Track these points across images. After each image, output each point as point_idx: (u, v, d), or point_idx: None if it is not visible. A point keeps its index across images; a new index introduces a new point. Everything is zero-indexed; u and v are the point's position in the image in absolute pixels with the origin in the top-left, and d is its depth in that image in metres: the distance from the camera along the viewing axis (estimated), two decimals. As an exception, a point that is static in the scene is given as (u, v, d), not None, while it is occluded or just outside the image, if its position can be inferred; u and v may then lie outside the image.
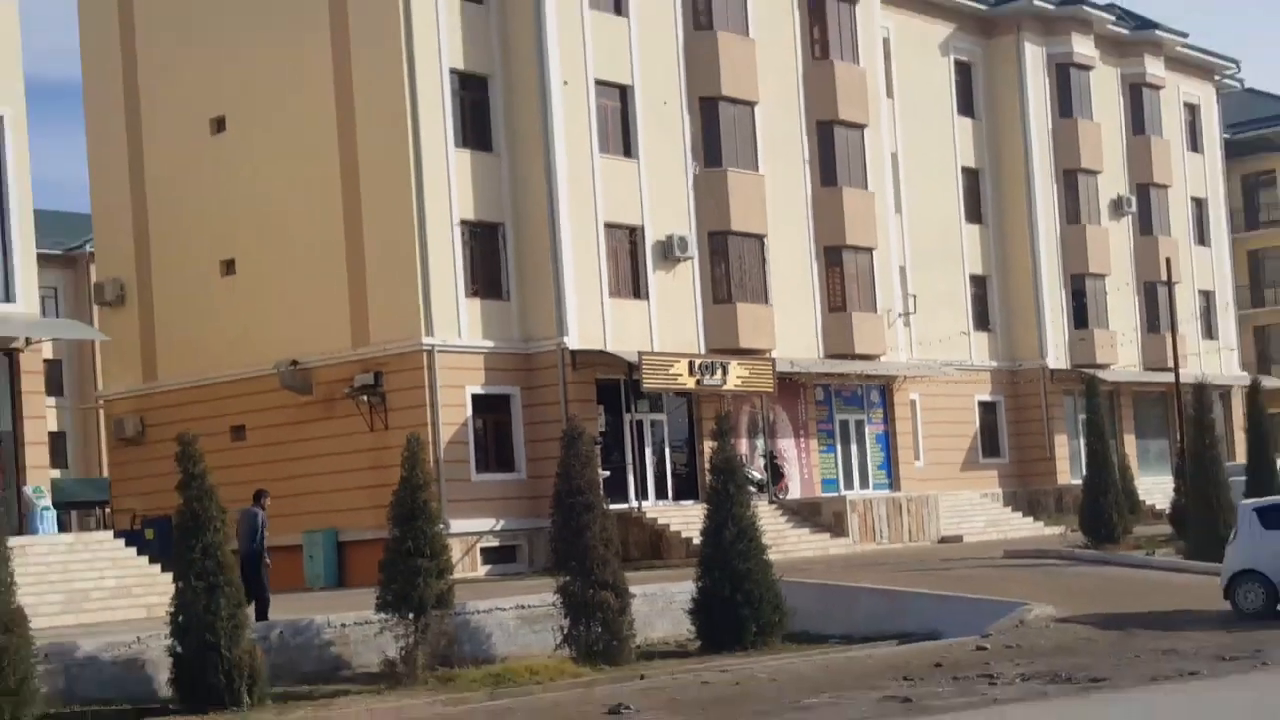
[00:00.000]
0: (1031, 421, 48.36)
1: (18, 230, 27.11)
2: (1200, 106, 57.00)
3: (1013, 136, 48.92)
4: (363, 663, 20.88)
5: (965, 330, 47.17)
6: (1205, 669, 17.67)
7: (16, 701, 16.56)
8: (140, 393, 38.10)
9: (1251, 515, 24.55)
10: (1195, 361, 49.72)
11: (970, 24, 48.75)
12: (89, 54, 39.41)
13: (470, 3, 35.00)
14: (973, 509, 42.19)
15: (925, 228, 45.82)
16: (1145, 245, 52.06)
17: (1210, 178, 57.19)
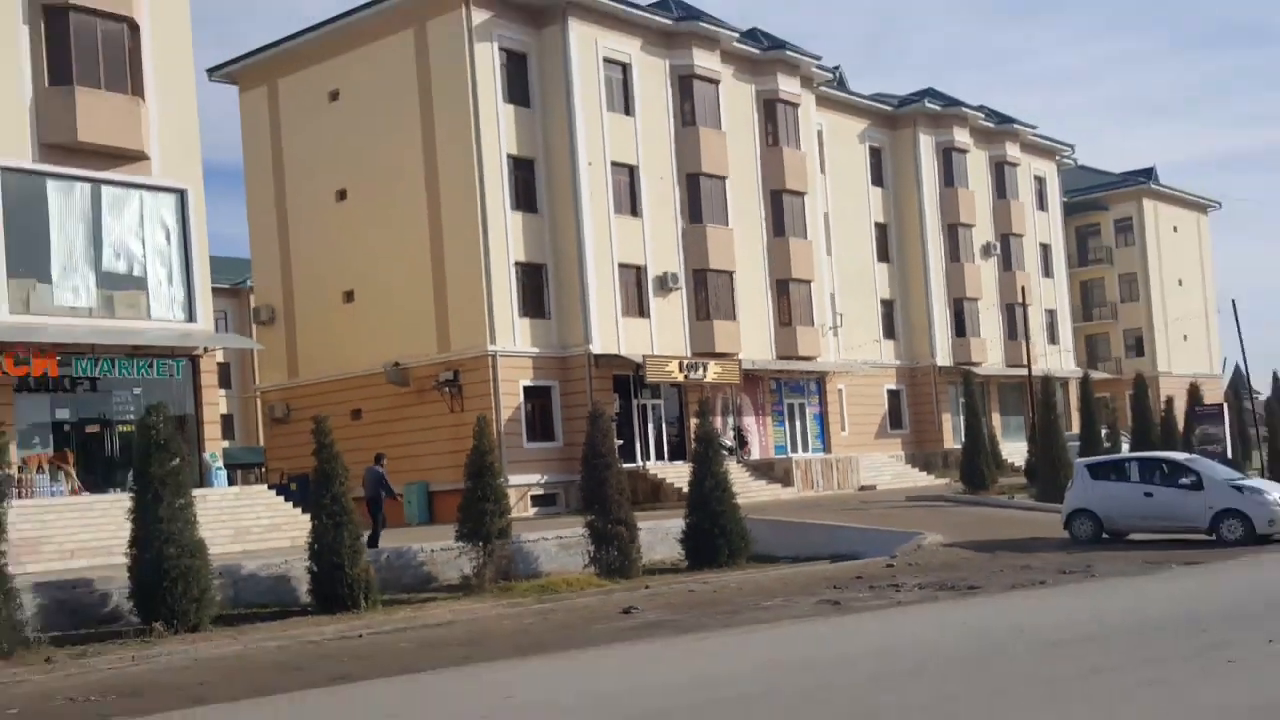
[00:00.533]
0: (925, 404, 48.65)
1: (199, 272, 27.35)
2: (1045, 178, 57.29)
3: (910, 200, 49.17)
4: (446, 578, 21.44)
5: (877, 339, 47.43)
6: (1050, 579, 18.20)
7: (199, 605, 16.99)
8: (286, 386, 38.26)
9: (1083, 469, 24.98)
10: (1043, 360, 49.88)
11: (880, 120, 48.97)
12: (249, 145, 39.50)
13: (520, 106, 35.22)
14: (883, 466, 42.43)
15: (848, 266, 45.97)
16: (1006, 278, 52.22)
17: (1053, 229, 57.47)
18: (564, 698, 10.66)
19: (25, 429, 24.58)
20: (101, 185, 26.12)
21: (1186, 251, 67.67)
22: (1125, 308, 65.66)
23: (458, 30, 34.06)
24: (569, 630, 15.38)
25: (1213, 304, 67.72)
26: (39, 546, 21.27)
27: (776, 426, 41.39)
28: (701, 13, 39.37)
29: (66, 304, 25.49)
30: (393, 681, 12.08)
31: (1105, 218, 66.30)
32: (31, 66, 25.07)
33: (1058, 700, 8.98)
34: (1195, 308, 66.63)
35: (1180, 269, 66.71)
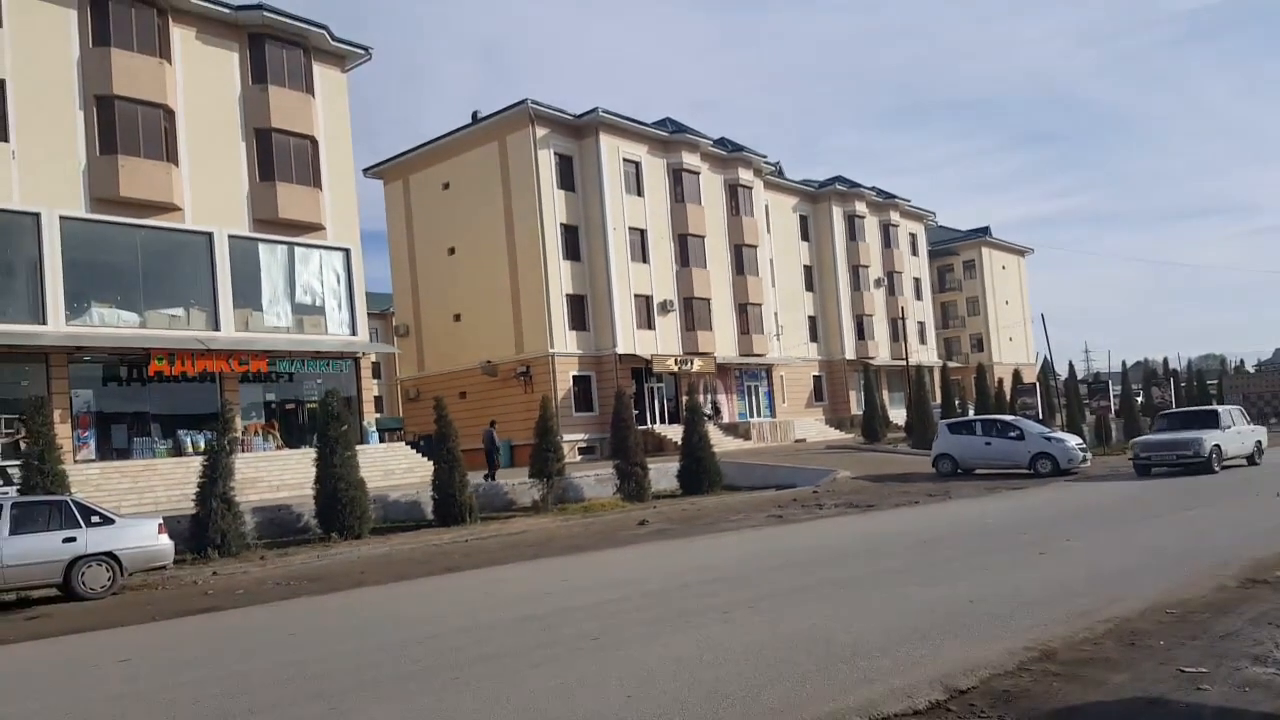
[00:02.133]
0: (838, 385, 48.44)
1: (358, 302, 27.54)
2: (917, 234, 56.87)
3: (827, 251, 48.93)
4: (521, 503, 21.40)
5: (806, 342, 47.31)
6: (921, 500, 18.11)
7: (361, 521, 17.07)
8: (416, 377, 38.45)
9: (944, 427, 24.95)
10: (916, 355, 49.70)
11: (805, 196, 48.80)
12: (390, 219, 39.73)
13: (568, 191, 35.29)
14: (810, 427, 42.28)
15: (785, 294, 45.83)
16: (891, 300, 51.97)
17: (921, 267, 57.06)
18: (601, 578, 10.80)
19: (246, 406, 24.82)
20: (294, 246, 26.34)
21: (1011, 282, 67.26)
22: (971, 319, 65.25)
23: (526, 142, 34.21)
24: (604, 535, 15.43)
25: (1028, 316, 67.41)
26: (255, 484, 21.47)
27: (740, 400, 41.37)
28: (687, 128, 39.37)
29: (272, 324, 25.70)
30: (487, 569, 12.19)
31: (957, 260, 65.85)
32: (247, 169, 25.34)
33: (919, 573, 9.13)
34: (1016, 319, 66.28)
35: (1007, 293, 66.30)
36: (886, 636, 6.51)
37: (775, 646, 6.43)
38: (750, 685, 5.51)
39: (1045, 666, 5.64)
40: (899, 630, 6.68)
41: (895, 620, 7.04)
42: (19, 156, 21.18)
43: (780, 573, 10.02)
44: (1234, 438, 20.57)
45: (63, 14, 22.19)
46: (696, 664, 6.08)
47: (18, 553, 11.27)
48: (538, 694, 5.66)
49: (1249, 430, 21.74)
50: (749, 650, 6.36)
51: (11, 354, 20.89)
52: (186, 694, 6.25)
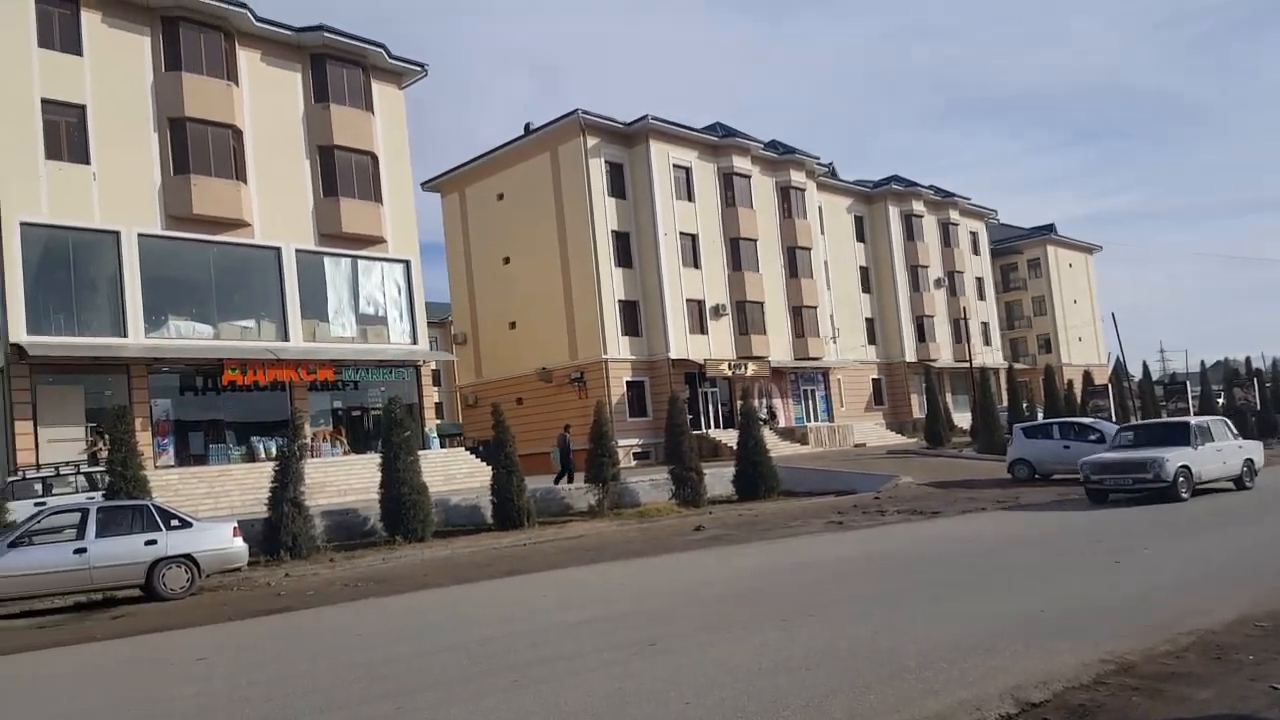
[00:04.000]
0: (898, 388, 47.65)
1: (418, 312, 28.04)
2: (978, 232, 55.70)
3: (884, 252, 48.27)
4: (578, 507, 21.40)
5: (863, 345, 46.64)
6: (989, 506, 17.44)
7: (424, 525, 17.23)
8: (474, 383, 38.97)
9: (1020, 431, 23.87)
10: (980, 357, 48.59)
11: (860, 197, 48.21)
12: (448, 230, 40.39)
13: (619, 198, 35.43)
14: (869, 431, 41.73)
15: (841, 296, 45.33)
16: (953, 301, 50.98)
17: (984, 267, 55.84)
18: (657, 583, 10.78)
19: (315, 413, 25.44)
20: (357, 258, 26.92)
21: (1079, 280, 65.37)
22: (1037, 319, 63.57)
23: (578, 151, 34.45)
24: (659, 541, 15.35)
25: (1098, 315, 65.41)
26: (324, 488, 21.94)
27: (796, 405, 40.97)
28: (737, 132, 39.20)
29: (337, 334, 26.30)
30: (546, 573, 12.25)
31: (1021, 259, 64.25)
32: (311, 185, 26.01)
33: (986, 582, 8.90)
34: (1085, 319, 64.36)
35: (1074, 292, 64.44)
36: (952, 647, 6.35)
37: (836, 655, 6.33)
38: (811, 694, 5.43)
39: (1123, 680, 5.42)
40: (966, 640, 6.51)
41: (962, 630, 6.86)
42: (99, 178, 22.08)
43: (840, 580, 9.86)
44: (1210, 457, 16.49)
45: (137, 41, 23.10)
46: (755, 672, 6.02)
47: (104, 555, 11.72)
48: (596, 698, 5.66)
49: (1234, 447, 17.43)
50: (809, 658, 6.27)
51: (96, 365, 21.77)
52: (259, 692, 6.42)
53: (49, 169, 21.37)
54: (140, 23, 23.18)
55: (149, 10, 23.27)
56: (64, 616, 11.46)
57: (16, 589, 11.40)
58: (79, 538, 11.74)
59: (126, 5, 22.94)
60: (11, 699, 7.09)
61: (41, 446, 20.57)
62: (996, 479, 23.22)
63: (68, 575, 11.58)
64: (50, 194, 21.33)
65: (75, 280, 21.94)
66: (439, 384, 49.20)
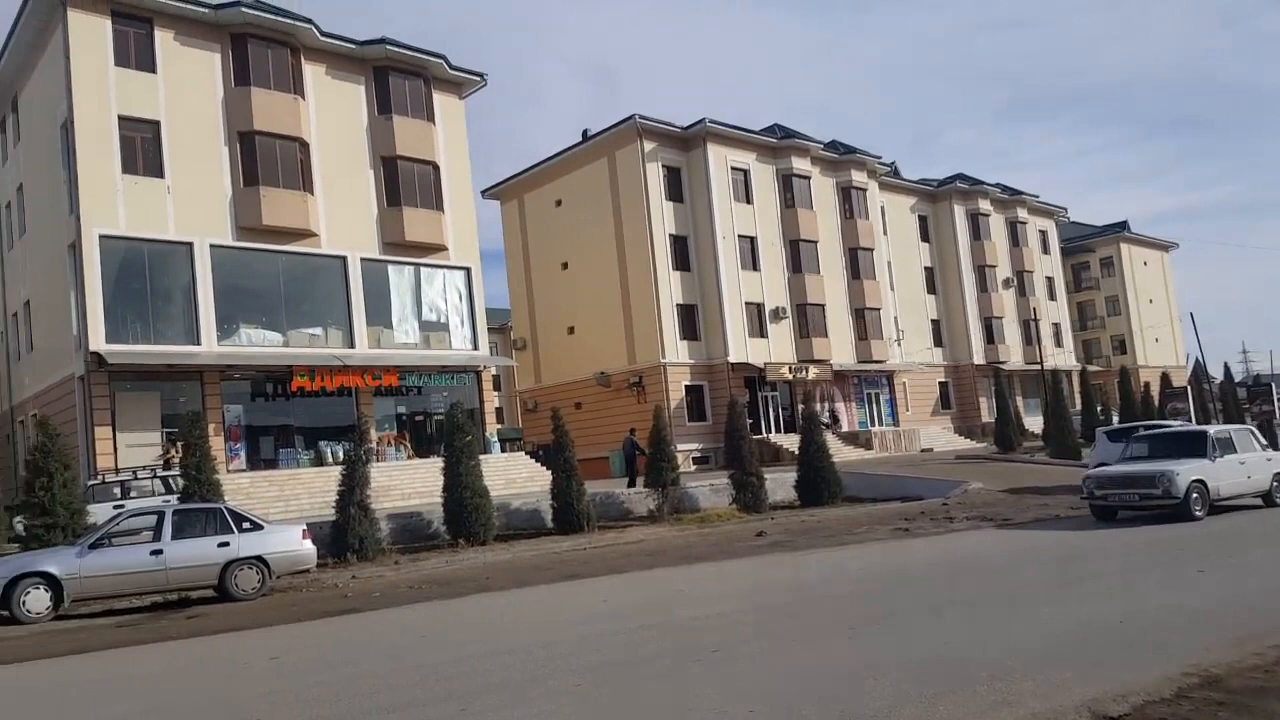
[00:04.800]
0: (966, 391, 46.48)
1: (479, 318, 28.37)
2: (1047, 231, 54.10)
3: (950, 252, 47.19)
4: (637, 512, 21.27)
5: (929, 347, 45.66)
6: (1064, 513, 16.87)
7: (485, 528, 17.38)
8: (534, 388, 39.27)
9: (1103, 435, 22.73)
10: (1051, 359, 47.17)
11: (924, 196, 47.24)
12: (507, 237, 40.75)
13: (676, 202, 35.38)
14: (937, 435, 40.77)
15: (906, 297, 44.43)
16: (1022, 302, 49.59)
17: (1054, 266, 54.21)
18: (719, 589, 10.72)
19: (380, 418, 25.93)
20: (420, 266, 27.40)
21: (1154, 279, 63.04)
22: (1111, 320, 61.50)
23: (635, 156, 34.53)
24: (720, 546, 15.25)
25: (1175, 315, 63.00)
26: (389, 491, 22.28)
27: (859, 408, 40.29)
28: (796, 133, 38.81)
29: (401, 341, 26.79)
30: (606, 577, 12.28)
31: (1093, 257, 62.26)
32: (375, 195, 26.59)
33: (1062, 591, 8.62)
34: (1162, 319, 62.01)
35: (1150, 291, 62.16)
36: (1025, 657, 6.16)
37: (905, 665, 6.20)
38: (879, 704, 5.32)
39: (1208, 695, 5.20)
40: (1039, 651, 6.32)
41: (1035, 641, 6.66)
42: (173, 191, 22.95)
43: (908, 588, 9.67)
44: (1230, 470, 14.76)
45: (208, 58, 23.95)
46: (821, 680, 5.93)
47: (179, 556, 12.14)
48: (657, 706, 5.64)
49: (1260, 459, 15.51)
50: (876, 667, 6.16)
51: (171, 373, 22.61)
52: (329, 692, 6.56)
53: (126, 183, 22.28)
54: (211, 40, 24.04)
55: (219, 28, 24.12)
56: (141, 616, 11.90)
57: (98, 589, 11.87)
58: (155, 540, 12.17)
59: (198, 23, 23.83)
60: (94, 697, 7.39)
61: (120, 451, 21.42)
62: (1070, 485, 22.35)
63: (145, 576, 12.01)
64: (127, 207, 22.24)
65: (151, 290, 22.81)
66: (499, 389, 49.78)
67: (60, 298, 22.99)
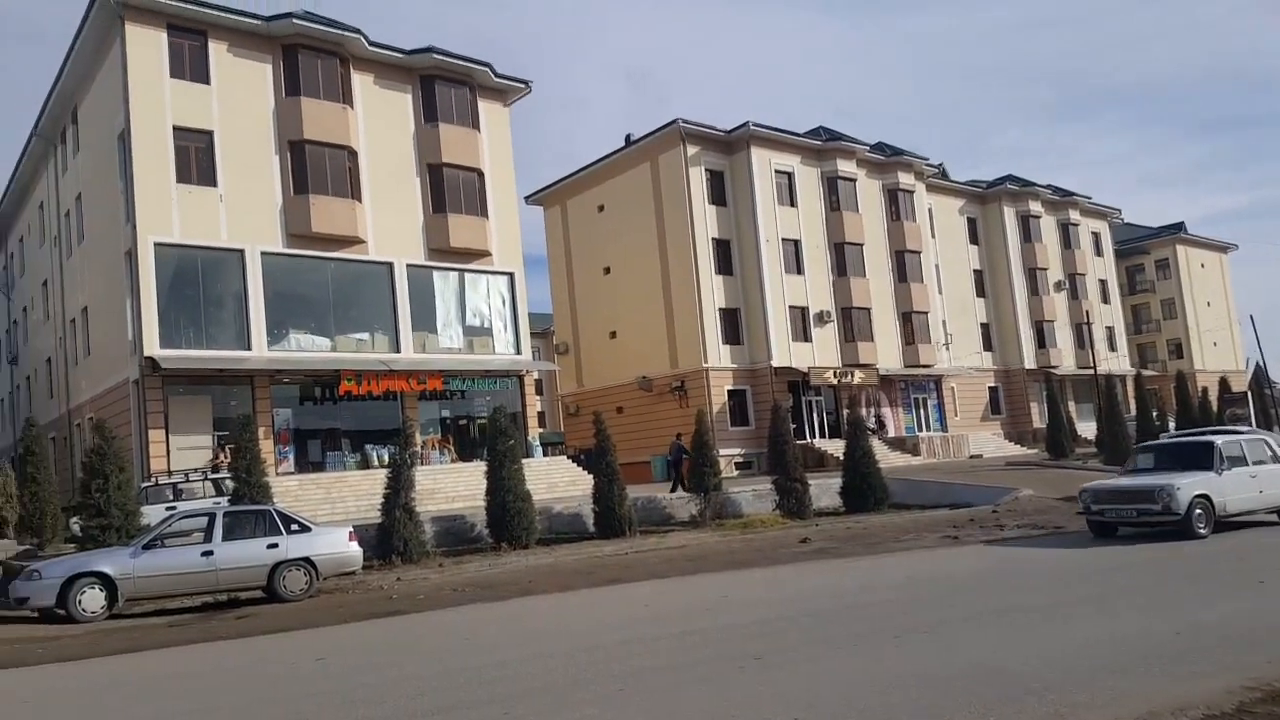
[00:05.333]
0: (1017, 396, 45.53)
1: (522, 323, 28.53)
2: (1100, 232, 52.83)
3: (999, 254, 46.29)
4: (679, 517, 21.24)
5: (979, 351, 44.83)
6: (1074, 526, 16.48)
7: (528, 532, 17.48)
8: (576, 393, 39.40)
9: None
10: (1105, 363, 46.03)
11: (973, 198, 46.44)
12: (550, 242, 41.01)
13: (719, 206, 35.27)
14: (986, 441, 39.91)
15: (954, 300, 43.66)
16: (1075, 304, 48.50)
17: (1108, 269, 52.89)
18: (762, 595, 10.64)
19: (424, 422, 26.20)
20: (464, 272, 27.69)
21: (1212, 281, 61.22)
22: (1167, 323, 59.86)
23: (678, 161, 34.52)
24: (763, 552, 15.16)
25: (1235, 318, 61.12)
26: (433, 494, 22.44)
27: (906, 414, 39.69)
28: (841, 135, 38.51)
29: (445, 346, 27.08)
30: (648, 582, 12.26)
31: (1148, 259, 60.71)
32: (421, 202, 26.95)
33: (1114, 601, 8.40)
34: (1220, 321, 60.18)
35: (1207, 294, 60.36)
36: (1078, 668, 6.01)
37: (952, 674, 6.08)
38: (927, 715, 5.23)
39: (1272, 710, 5.02)
40: (1092, 662, 6.16)
41: (1088, 651, 6.49)
42: (225, 199, 23.51)
43: (956, 596, 9.50)
44: (1240, 484, 13.56)
45: (260, 69, 24.51)
46: (866, 689, 5.84)
47: (229, 557, 12.40)
48: (700, 712, 5.61)
49: (1276, 471, 14.18)
50: (923, 677, 6.05)
51: (222, 377, 23.14)
52: (374, 693, 6.65)
53: (179, 192, 22.88)
54: (263, 51, 24.61)
55: (271, 39, 24.68)
56: (192, 616, 12.17)
57: (150, 589, 12.18)
58: (206, 541, 12.45)
59: (250, 35, 24.41)
60: (148, 696, 7.57)
61: (172, 454, 21.97)
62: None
63: (196, 576, 12.29)
64: (181, 215, 22.83)
65: (204, 296, 23.39)
66: (541, 393, 50.05)
67: (116, 304, 23.66)
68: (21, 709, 7.13)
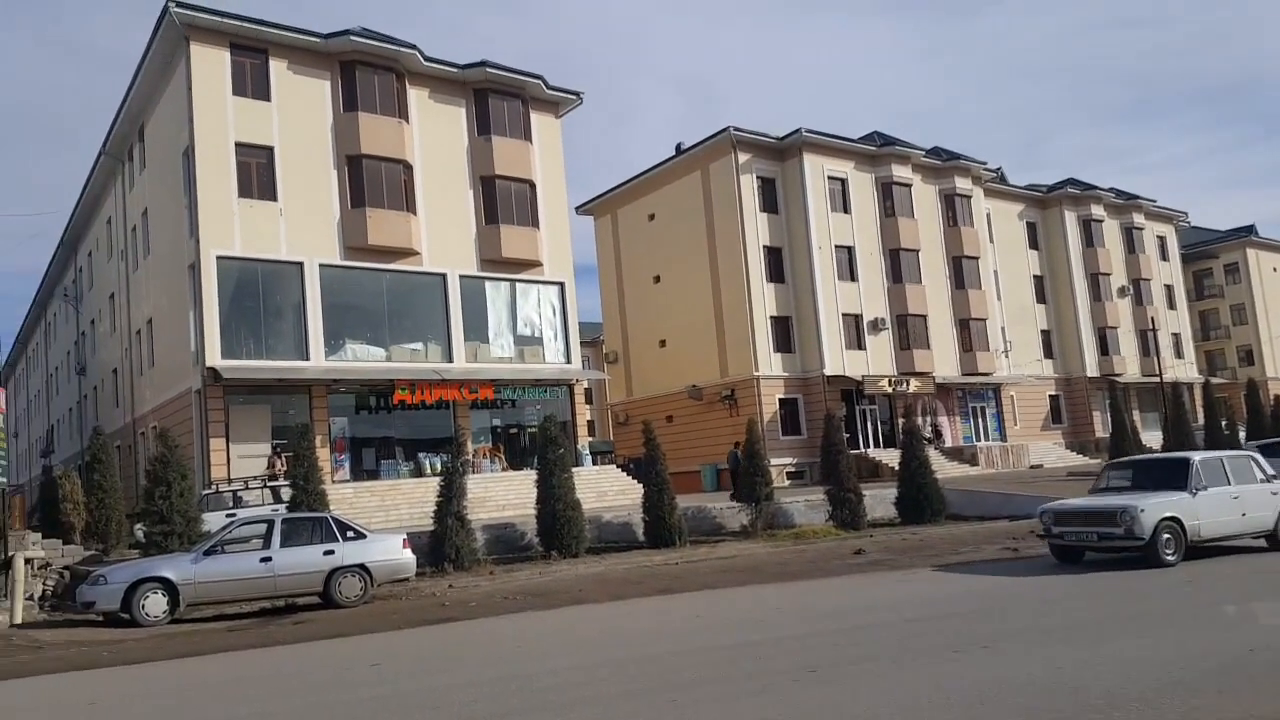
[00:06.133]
0: (1079, 405, 44.38)
1: (572, 332, 28.71)
2: (1166, 236, 51.33)
3: (1060, 260, 45.27)
4: (729, 527, 21.14)
5: (1039, 359, 43.81)
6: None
7: (578, 541, 17.56)
8: (625, 402, 39.52)
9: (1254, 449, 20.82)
10: (1171, 371, 44.60)
11: (1033, 202, 45.50)
12: (600, 252, 41.29)
13: (771, 213, 35.10)
14: (1047, 451, 39.04)
15: (1014, 307, 42.76)
16: (1139, 310, 47.19)
17: (1174, 274, 51.35)
18: (816, 607, 10.49)
19: (475, 431, 26.52)
20: (515, 282, 27.97)
21: (1286, 285, 59.15)
22: (1237, 329, 57.79)
23: (729, 169, 34.47)
24: (816, 564, 14.96)
25: (1312, 323, 58.79)
26: (484, 503, 22.72)
27: (964, 423, 38.98)
28: (897, 139, 38.09)
29: (496, 355, 27.37)
30: (699, 593, 12.19)
31: (1216, 264, 58.72)
32: (474, 213, 27.31)
33: (1183, 615, 8.07)
34: (1296, 327, 58.02)
35: (1281, 298, 58.33)
36: (1145, 684, 5.79)
37: (1014, 690, 5.91)
38: (988, 731, 5.07)
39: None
40: (1160, 679, 5.93)
41: (1156, 668, 6.25)
42: (285, 213, 24.12)
43: (1016, 609, 9.24)
44: (1218, 505, 12.16)
45: (319, 86, 25.13)
46: (926, 704, 5.70)
47: (287, 563, 12.66)
48: (756, 724, 5.53)
49: (1262, 492, 12.74)
50: (985, 692, 5.89)
51: (281, 387, 23.69)
52: (428, 699, 6.70)
53: (241, 206, 23.55)
54: (321, 68, 25.23)
55: (329, 56, 25.30)
56: (250, 621, 12.44)
57: (211, 594, 12.48)
58: (265, 547, 12.73)
59: (310, 52, 25.04)
60: (207, 699, 7.75)
61: (232, 462, 22.57)
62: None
63: (255, 582, 12.57)
64: (242, 229, 23.49)
65: (263, 308, 24.02)
66: (590, 402, 50.23)
67: (180, 316, 24.40)
68: (89, 711, 7.34)
